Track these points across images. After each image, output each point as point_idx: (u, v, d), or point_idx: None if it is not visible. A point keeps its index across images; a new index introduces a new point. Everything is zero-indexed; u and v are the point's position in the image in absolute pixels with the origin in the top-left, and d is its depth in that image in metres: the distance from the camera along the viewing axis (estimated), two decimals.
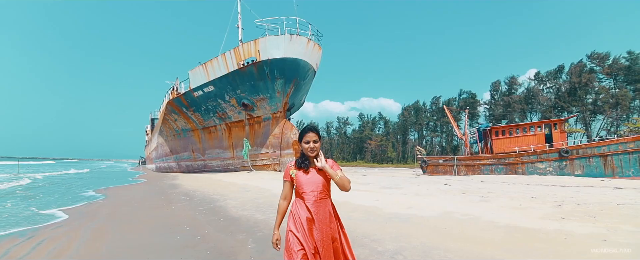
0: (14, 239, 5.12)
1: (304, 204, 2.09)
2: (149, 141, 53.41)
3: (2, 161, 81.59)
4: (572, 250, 3.66)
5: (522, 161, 20.37)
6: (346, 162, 73.76)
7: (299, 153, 2.22)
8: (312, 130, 2.17)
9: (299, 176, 2.14)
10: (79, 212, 7.71)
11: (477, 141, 25.33)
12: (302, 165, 2.15)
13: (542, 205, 6.21)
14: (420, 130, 70.18)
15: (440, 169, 23.57)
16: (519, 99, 50.17)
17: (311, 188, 2.10)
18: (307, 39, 18.16)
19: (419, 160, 25.60)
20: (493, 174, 21.08)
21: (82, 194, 12.02)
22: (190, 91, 21.80)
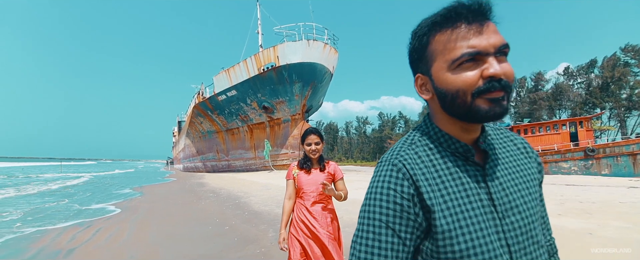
0: (77, 228, 6.13)
1: (305, 205, 2.15)
2: (176, 142, 56.26)
3: (44, 162, 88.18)
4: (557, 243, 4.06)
5: (546, 160, 19.90)
6: (366, 161, 73.59)
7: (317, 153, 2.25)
8: (314, 132, 2.22)
9: (300, 177, 2.21)
10: (123, 207, 8.79)
11: None
12: (304, 166, 2.22)
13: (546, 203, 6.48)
14: None
15: None
16: (546, 96, 48.16)
17: (311, 189, 2.16)
18: (324, 43, 18.82)
19: None
20: None
21: (122, 191, 13.34)
22: (215, 95, 23.10)
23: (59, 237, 5.46)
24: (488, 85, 0.55)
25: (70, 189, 14.84)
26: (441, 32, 0.58)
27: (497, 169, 0.62)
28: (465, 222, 0.56)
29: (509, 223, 0.58)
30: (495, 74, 0.54)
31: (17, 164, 56.01)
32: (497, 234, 0.57)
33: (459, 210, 0.57)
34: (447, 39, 0.57)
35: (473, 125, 0.61)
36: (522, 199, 0.61)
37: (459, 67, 0.56)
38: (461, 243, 0.55)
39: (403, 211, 0.57)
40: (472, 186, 0.59)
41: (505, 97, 0.56)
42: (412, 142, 0.65)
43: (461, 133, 0.62)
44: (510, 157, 0.66)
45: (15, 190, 13.71)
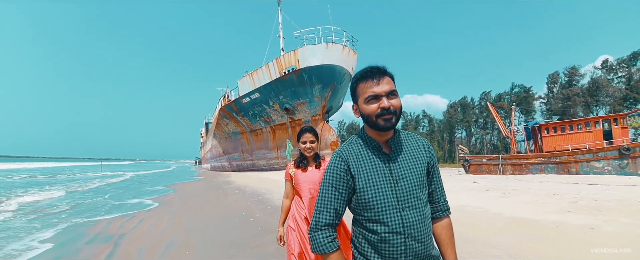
0: (123, 218, 7.02)
1: (302, 202, 2.22)
2: (203, 143, 58.87)
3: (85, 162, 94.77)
4: (555, 235, 4.29)
5: (576, 160, 19.05)
6: None
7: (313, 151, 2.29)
8: (309, 131, 2.27)
9: (297, 175, 2.26)
10: (160, 201, 9.74)
11: (525, 139, 24.06)
12: (301, 164, 2.27)
13: (559, 201, 6.55)
14: (469, 127, 66.70)
15: (484, 169, 22.88)
16: (582, 92, 45.41)
17: (308, 186, 2.21)
18: (343, 45, 19.25)
19: (461, 159, 25.10)
20: (542, 174, 20.00)
21: (158, 188, 14.53)
22: (239, 98, 24.22)
23: (110, 225, 6.34)
24: (382, 112, 1.02)
25: (112, 186, 16.33)
26: (361, 83, 1.06)
27: (397, 156, 1.09)
28: (372, 184, 1.04)
29: (399, 186, 1.05)
30: (385, 107, 1.02)
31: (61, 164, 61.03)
32: (391, 191, 1.04)
33: (369, 177, 1.04)
34: (363, 86, 1.05)
35: (381, 132, 1.08)
36: (409, 173, 1.07)
37: (368, 102, 1.04)
38: (369, 194, 1.03)
39: (340, 178, 1.06)
40: (380, 165, 1.06)
41: (393, 118, 1.03)
42: (350, 141, 1.14)
43: (377, 136, 1.10)
44: (410, 150, 1.12)
45: (64, 186, 15.33)
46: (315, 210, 1.08)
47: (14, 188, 14.41)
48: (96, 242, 4.96)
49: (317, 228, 1.05)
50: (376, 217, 1.03)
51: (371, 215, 1.04)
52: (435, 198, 1.17)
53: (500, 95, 59.43)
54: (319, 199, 1.09)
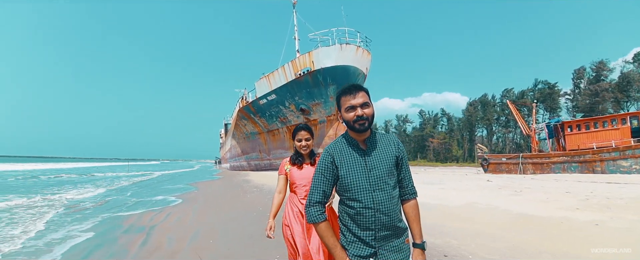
0: (152, 212, 7.66)
1: (297, 199, 2.25)
2: (223, 143, 60.60)
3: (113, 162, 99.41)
4: (558, 230, 4.44)
5: (601, 158, 18.35)
6: None
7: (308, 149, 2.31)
8: (304, 129, 2.32)
9: (292, 171, 2.30)
10: (184, 198, 10.41)
11: (547, 138, 23.34)
12: (296, 161, 2.31)
13: (570, 199, 6.58)
14: (489, 126, 64.84)
15: (503, 168, 22.42)
16: (611, 87, 43.18)
17: (303, 183, 2.25)
18: (356, 46, 19.49)
19: (480, 158, 24.69)
20: (565, 173, 19.40)
21: (181, 186, 15.36)
22: (257, 100, 24.96)
23: (141, 218, 6.97)
24: (357, 119, 1.37)
25: (140, 184, 17.37)
26: (343, 96, 1.41)
27: (372, 151, 1.42)
28: (351, 172, 1.38)
29: (372, 174, 1.38)
30: (359, 115, 1.36)
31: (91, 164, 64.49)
32: (365, 178, 1.38)
33: (349, 167, 1.39)
34: (344, 99, 1.40)
35: (359, 133, 1.42)
36: (380, 164, 1.40)
37: (347, 111, 1.39)
38: (348, 180, 1.38)
39: (327, 167, 1.41)
40: (357, 158, 1.41)
41: (366, 123, 1.37)
42: (337, 140, 1.49)
43: (356, 136, 1.44)
44: (382, 147, 1.45)
45: (97, 185, 16.47)
46: (309, 192, 1.44)
47: (50, 186, 15.67)
48: (131, 232, 5.55)
49: (310, 205, 1.41)
50: (353, 196, 1.37)
51: (350, 195, 1.38)
52: (403, 184, 1.50)
53: (523, 92, 57.48)
54: (312, 183, 1.44)
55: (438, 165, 57.91)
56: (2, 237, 5.22)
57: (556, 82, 52.85)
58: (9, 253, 4.36)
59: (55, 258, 4.14)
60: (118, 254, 4.22)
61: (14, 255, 4.26)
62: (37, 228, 5.93)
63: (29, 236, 5.32)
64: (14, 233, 5.55)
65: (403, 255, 1.41)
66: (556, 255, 3.51)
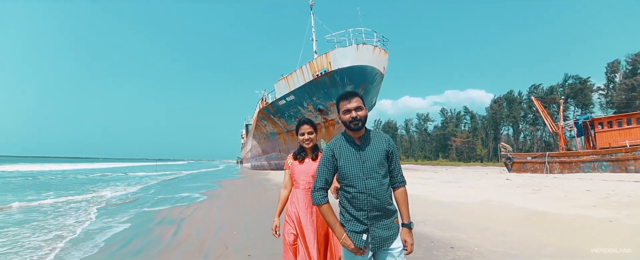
0: (180, 207, 8.27)
1: (298, 193, 2.27)
2: (244, 143, 62.22)
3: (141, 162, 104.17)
4: (570, 226, 4.49)
5: (635, 157, 17.37)
6: (427, 160, 70.50)
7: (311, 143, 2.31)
8: (307, 122, 2.33)
9: (294, 166, 2.31)
10: (209, 195, 11.04)
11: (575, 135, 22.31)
12: (299, 156, 2.33)
13: (589, 197, 6.49)
14: (515, 124, 62.32)
15: (528, 167, 21.65)
16: None
17: (304, 177, 2.26)
18: (373, 46, 19.58)
19: (503, 157, 23.98)
20: (595, 172, 18.50)
21: (205, 184, 16.16)
22: (276, 101, 25.60)
23: (171, 212, 7.57)
24: (352, 120, 1.67)
25: (168, 182, 18.41)
26: (341, 101, 1.72)
27: (366, 147, 1.72)
28: (347, 163, 1.69)
29: (365, 165, 1.68)
30: (353, 117, 1.67)
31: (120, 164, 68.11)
32: (359, 168, 1.68)
33: (346, 159, 1.69)
34: (342, 103, 1.71)
35: (354, 132, 1.72)
36: (372, 157, 1.70)
37: (344, 113, 1.70)
38: (345, 170, 1.68)
39: (329, 160, 1.73)
40: (353, 152, 1.71)
41: (360, 123, 1.68)
42: (337, 137, 1.80)
43: (352, 134, 1.74)
44: (375, 143, 1.74)
45: (129, 184, 17.62)
46: (315, 179, 1.76)
47: (87, 184, 16.95)
48: (163, 224, 6.10)
49: (315, 190, 1.72)
50: (349, 183, 1.68)
51: (347, 182, 1.69)
52: (393, 174, 1.78)
53: (552, 88, 54.80)
54: (317, 172, 1.76)
55: (461, 164, 56.25)
56: (61, 227, 5.93)
57: (588, 77, 49.98)
58: (71, 239, 5.00)
59: (98, 244, 4.71)
60: (154, 242, 4.74)
61: (75, 242, 4.88)
62: (82, 220, 6.64)
63: (84, 226, 6.00)
64: (68, 223, 6.27)
65: (391, 232, 1.69)
66: (559, 249, 3.62)
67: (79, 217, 7.02)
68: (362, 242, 1.65)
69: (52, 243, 4.77)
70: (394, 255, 1.67)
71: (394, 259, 1.67)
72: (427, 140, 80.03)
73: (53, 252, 4.32)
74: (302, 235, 2.17)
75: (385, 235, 1.67)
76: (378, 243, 1.66)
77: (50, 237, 5.12)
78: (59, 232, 5.47)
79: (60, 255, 4.16)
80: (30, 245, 4.67)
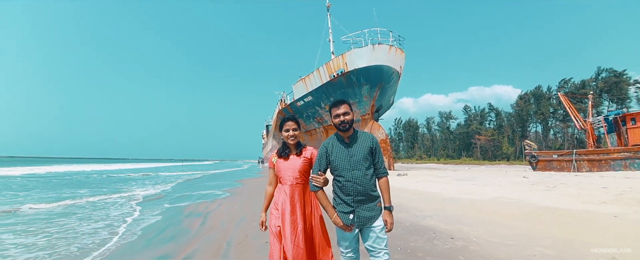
0: (205, 203, 8.95)
1: (283, 189, 2.33)
2: (265, 144, 63.72)
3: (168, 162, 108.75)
4: (573, 220, 4.63)
5: None
6: (450, 159, 68.78)
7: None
8: (291, 119, 2.38)
9: (279, 163, 2.36)
10: (231, 192, 11.74)
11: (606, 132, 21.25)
12: (283, 154, 2.37)
13: (603, 194, 6.46)
14: (544, 120, 59.55)
15: (555, 165, 20.87)
16: None
17: (289, 174, 2.32)
18: (389, 46, 19.70)
19: (528, 155, 23.24)
20: (627, 170, 17.60)
21: (228, 182, 17.00)
22: (294, 102, 26.27)
23: (198, 207, 8.25)
24: (341, 123, 2.08)
25: (194, 181, 19.49)
26: (332, 108, 2.14)
27: (353, 144, 2.12)
28: (338, 158, 2.09)
29: (352, 159, 2.07)
30: (341, 120, 2.07)
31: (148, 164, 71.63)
32: (348, 162, 2.07)
33: (337, 155, 2.10)
34: (333, 110, 2.13)
35: (343, 132, 2.13)
36: (358, 153, 2.09)
37: (335, 117, 2.11)
38: (336, 163, 2.09)
39: (323, 155, 2.14)
40: (343, 149, 2.11)
41: (347, 125, 2.08)
42: (331, 137, 2.21)
43: (342, 134, 2.15)
44: (361, 142, 2.14)
45: (155, 182, 18.84)
46: (312, 170, 2.17)
47: (120, 183, 18.29)
48: (191, 217, 6.75)
49: (311, 180, 2.14)
50: (339, 174, 2.08)
51: (337, 173, 2.09)
52: (377, 166, 2.16)
53: (584, 82, 51.93)
54: (314, 165, 2.17)
55: (484, 163, 54.35)
56: (105, 218, 6.74)
57: (624, 70, 46.94)
58: (113, 230, 5.73)
59: (136, 232, 5.38)
60: (184, 230, 5.35)
61: (116, 231, 5.60)
62: (120, 214, 7.45)
63: (125, 218, 6.78)
64: (113, 215, 7.09)
65: (374, 213, 2.08)
66: (555, 240, 3.82)
67: (121, 210, 7.85)
68: (349, 220, 2.05)
69: (100, 231, 5.50)
70: (375, 232, 2.06)
71: (376, 234, 2.06)
72: (450, 138, 78.06)
73: (100, 238, 5.02)
74: (283, 228, 2.22)
75: (368, 216, 2.06)
76: (362, 222, 2.06)
77: (100, 226, 5.89)
78: (106, 222, 6.24)
79: (107, 239, 4.84)
80: (86, 231, 5.43)
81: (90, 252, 4.26)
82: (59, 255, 4.17)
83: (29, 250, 4.37)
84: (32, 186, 14.96)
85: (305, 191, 2.32)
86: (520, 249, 3.63)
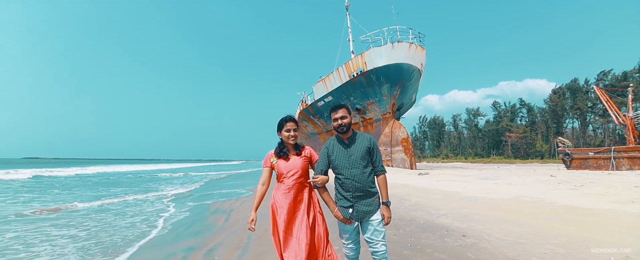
0: (229, 200, 9.44)
1: (284, 188, 2.40)
2: None
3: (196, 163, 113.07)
4: (594, 219, 4.52)
5: None
6: (479, 158, 66.20)
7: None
8: (291, 120, 2.44)
9: (280, 163, 2.41)
10: (254, 191, 12.19)
11: None
12: (281, 153, 2.42)
13: (633, 193, 6.15)
14: (582, 115, 55.77)
15: (591, 163, 19.65)
16: None
17: (291, 173, 2.39)
18: (409, 43, 19.46)
19: (561, 153, 22.03)
20: None
21: (253, 181, 17.62)
22: (315, 102, 26.60)
23: (222, 205, 8.74)
24: (339, 126, 2.29)
25: (220, 181, 20.36)
26: (332, 112, 2.35)
27: (352, 145, 2.32)
28: (338, 157, 2.30)
29: (351, 158, 2.28)
30: (339, 123, 2.29)
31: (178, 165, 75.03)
32: (347, 161, 2.28)
33: (337, 154, 2.31)
34: (332, 114, 2.34)
35: (342, 134, 2.33)
36: (356, 152, 2.29)
37: (333, 121, 2.32)
38: (336, 162, 2.30)
39: (324, 155, 2.36)
40: (342, 149, 2.32)
41: (345, 128, 2.29)
42: (332, 139, 2.42)
43: (342, 136, 2.36)
44: (359, 142, 2.33)
45: (184, 181, 19.87)
46: (315, 169, 2.39)
47: (152, 182, 19.47)
48: (216, 213, 7.21)
49: (313, 178, 2.36)
50: (339, 172, 2.29)
51: (338, 171, 2.30)
52: (375, 165, 2.35)
53: (626, 74, 48.13)
54: (316, 164, 2.39)
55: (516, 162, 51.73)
56: (139, 214, 7.37)
57: None
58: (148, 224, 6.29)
59: (167, 227, 5.86)
60: (210, 225, 5.77)
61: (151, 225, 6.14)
62: (154, 209, 8.08)
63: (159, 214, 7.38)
64: (153, 210, 7.73)
65: (371, 208, 2.27)
66: (570, 239, 3.78)
67: (154, 207, 8.51)
68: (348, 214, 2.26)
69: (138, 224, 6.07)
70: (373, 224, 2.25)
71: (374, 227, 2.25)
72: (478, 136, 75.14)
73: (139, 231, 5.55)
74: (290, 225, 2.34)
75: (366, 210, 2.26)
76: (360, 215, 2.26)
77: (137, 221, 6.48)
78: (142, 217, 6.84)
79: (146, 232, 5.35)
80: (124, 225, 6.01)
81: (132, 242, 4.77)
82: (103, 244, 4.70)
83: (75, 241, 4.94)
84: (73, 185, 16.40)
85: (307, 189, 2.43)
86: (532, 247, 3.64)
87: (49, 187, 15.53)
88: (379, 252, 2.23)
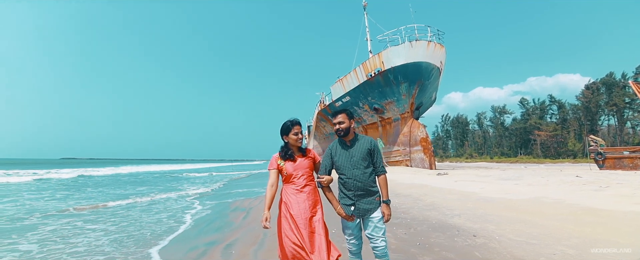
0: (249, 199, 9.83)
1: (293, 189, 2.50)
2: (307, 144, 65.17)
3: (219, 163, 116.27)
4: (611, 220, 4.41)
5: None
6: (505, 157, 63.61)
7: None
8: (298, 123, 2.56)
9: (287, 165, 2.51)
10: None
11: None
12: (287, 156, 2.52)
13: None
14: (619, 112, 52.24)
15: (626, 163, 18.43)
16: None
17: (300, 174, 2.50)
18: (428, 42, 19.16)
19: (593, 152, 20.85)
20: None
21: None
22: (333, 102, 26.73)
23: (242, 203, 9.13)
24: (337, 130, 2.47)
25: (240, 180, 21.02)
26: (332, 117, 2.54)
27: (353, 146, 2.49)
28: (340, 159, 2.48)
29: (352, 159, 2.45)
30: (337, 128, 2.47)
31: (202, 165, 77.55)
32: (349, 162, 2.45)
33: (339, 156, 2.49)
34: (333, 119, 2.53)
35: (343, 137, 2.51)
36: (358, 154, 2.46)
37: (333, 125, 2.51)
38: (339, 163, 2.48)
39: (328, 156, 2.55)
40: (344, 151, 2.50)
41: (343, 132, 2.47)
42: (335, 141, 2.61)
43: (344, 139, 2.54)
44: (360, 144, 2.50)
45: (206, 180, 20.67)
46: (319, 169, 2.59)
47: (176, 182, 20.40)
48: (236, 211, 7.58)
49: (318, 177, 2.56)
50: (342, 172, 2.47)
51: (340, 171, 2.48)
52: (375, 165, 2.51)
53: None
54: (320, 165, 2.58)
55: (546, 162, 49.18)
56: (164, 211, 7.88)
57: None
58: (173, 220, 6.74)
59: (191, 223, 6.27)
60: (229, 222, 6.12)
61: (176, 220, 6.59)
62: (179, 207, 8.59)
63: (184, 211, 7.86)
64: (177, 208, 8.25)
65: (372, 206, 2.43)
66: (583, 240, 3.73)
67: (180, 205, 9.04)
68: (350, 211, 2.44)
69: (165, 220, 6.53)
70: (374, 221, 2.42)
71: (374, 224, 2.41)
72: (505, 135, 72.18)
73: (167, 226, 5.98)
74: (299, 223, 2.44)
75: (367, 208, 2.43)
76: (361, 213, 2.43)
77: (164, 217, 6.97)
78: (169, 214, 7.32)
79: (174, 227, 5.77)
80: (151, 221, 6.49)
81: (161, 236, 5.19)
82: (134, 238, 5.13)
83: (107, 234, 5.42)
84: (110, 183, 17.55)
85: (314, 188, 2.55)
86: (542, 247, 3.64)
87: (96, 184, 16.77)
88: (379, 247, 2.39)
